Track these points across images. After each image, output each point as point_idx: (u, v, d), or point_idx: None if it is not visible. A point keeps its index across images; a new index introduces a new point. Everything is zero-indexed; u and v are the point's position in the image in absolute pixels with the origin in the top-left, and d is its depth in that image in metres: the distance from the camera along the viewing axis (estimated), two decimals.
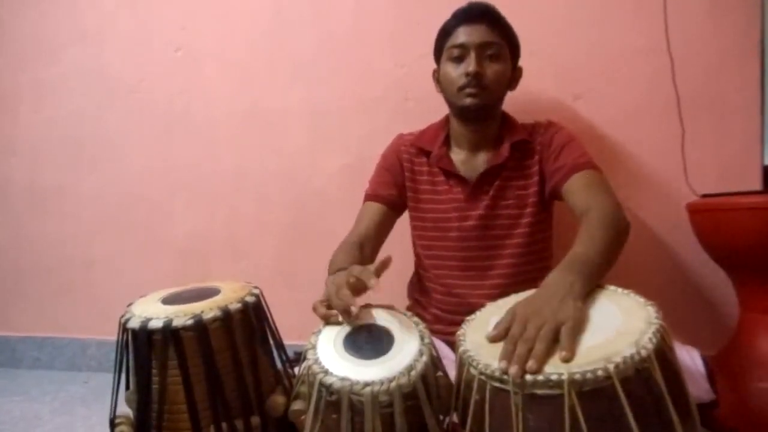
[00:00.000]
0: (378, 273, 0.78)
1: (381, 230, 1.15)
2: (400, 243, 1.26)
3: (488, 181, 1.10)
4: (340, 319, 0.79)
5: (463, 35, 1.06)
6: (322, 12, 1.56)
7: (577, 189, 1.00)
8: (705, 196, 1.22)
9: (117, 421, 0.82)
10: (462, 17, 1.07)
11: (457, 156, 1.14)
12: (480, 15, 1.06)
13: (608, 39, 1.35)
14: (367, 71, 1.53)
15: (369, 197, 1.18)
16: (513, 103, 1.18)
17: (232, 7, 1.64)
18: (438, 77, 1.14)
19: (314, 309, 0.82)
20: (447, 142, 1.16)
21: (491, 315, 0.77)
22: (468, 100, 1.05)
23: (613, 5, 1.34)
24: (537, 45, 1.36)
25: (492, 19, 1.06)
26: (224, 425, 0.78)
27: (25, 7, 1.81)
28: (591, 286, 0.75)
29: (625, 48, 1.34)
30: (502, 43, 1.07)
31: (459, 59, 1.06)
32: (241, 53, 1.63)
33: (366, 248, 1.07)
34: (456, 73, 1.06)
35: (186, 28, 1.68)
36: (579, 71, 1.37)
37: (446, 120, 1.18)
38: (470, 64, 1.04)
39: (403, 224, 1.22)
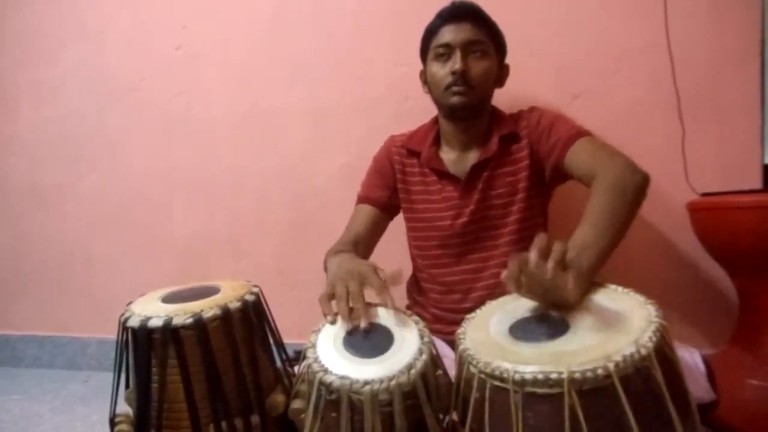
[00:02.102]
0: (389, 283, 0.81)
1: (373, 232, 1.15)
2: (398, 244, 1.25)
3: (477, 176, 1.10)
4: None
5: (448, 34, 1.06)
6: (323, 11, 1.56)
7: (579, 158, 1.00)
8: (705, 194, 1.22)
9: (117, 419, 0.82)
10: (446, 16, 1.08)
11: (447, 155, 1.14)
12: (464, 14, 1.06)
13: (608, 38, 1.35)
14: (368, 71, 1.53)
15: (361, 199, 1.19)
16: (513, 101, 1.18)
17: (232, 6, 1.64)
18: (425, 78, 1.14)
19: (320, 301, 0.82)
20: (437, 142, 1.16)
21: (492, 313, 0.77)
22: (455, 99, 1.06)
23: (613, 4, 1.34)
24: (536, 44, 1.36)
25: (476, 17, 1.07)
26: (224, 424, 0.78)
27: (25, 5, 1.81)
28: (596, 271, 0.76)
29: (625, 47, 1.34)
30: (486, 40, 1.07)
31: (445, 58, 1.07)
32: (242, 52, 1.63)
33: (359, 250, 1.08)
34: (442, 72, 1.07)
35: (187, 26, 1.68)
36: (579, 70, 1.37)
37: (435, 120, 1.18)
38: (456, 63, 1.04)
39: (401, 226, 1.22)
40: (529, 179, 1.08)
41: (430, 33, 1.10)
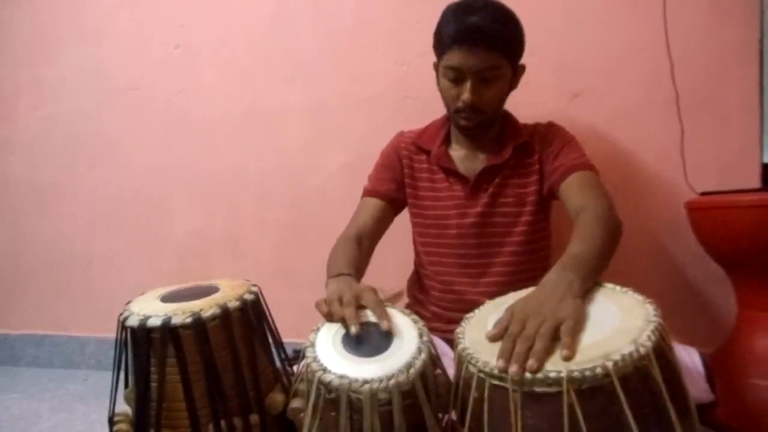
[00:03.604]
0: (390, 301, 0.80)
1: (379, 225, 1.15)
2: (400, 241, 1.25)
3: (487, 180, 1.10)
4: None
5: (458, 58, 0.98)
6: (322, 10, 1.56)
7: (573, 188, 1.00)
8: (704, 194, 1.22)
9: (116, 419, 0.82)
10: (458, 37, 0.97)
11: (457, 153, 1.14)
12: (478, 39, 0.97)
13: (607, 37, 1.35)
14: (367, 69, 1.52)
15: (367, 192, 1.18)
16: (511, 100, 1.17)
17: (231, 4, 1.63)
18: (437, 77, 1.11)
19: (317, 306, 0.82)
20: (447, 140, 1.16)
21: (490, 313, 0.77)
22: (464, 122, 1.05)
23: (613, 4, 1.34)
24: (536, 43, 1.35)
25: (490, 42, 0.97)
26: (223, 423, 0.78)
27: (24, 4, 1.81)
28: (589, 284, 0.75)
29: (625, 46, 1.34)
30: (500, 62, 1.00)
31: (455, 80, 1.02)
32: (241, 51, 1.63)
33: (364, 243, 1.08)
34: (452, 92, 1.03)
35: (185, 25, 1.68)
36: (578, 69, 1.37)
37: (447, 118, 1.18)
38: (465, 92, 1.00)
39: (403, 222, 1.22)
40: (538, 193, 1.09)
41: (442, 41, 1.02)
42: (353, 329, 0.75)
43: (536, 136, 1.11)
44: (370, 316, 0.79)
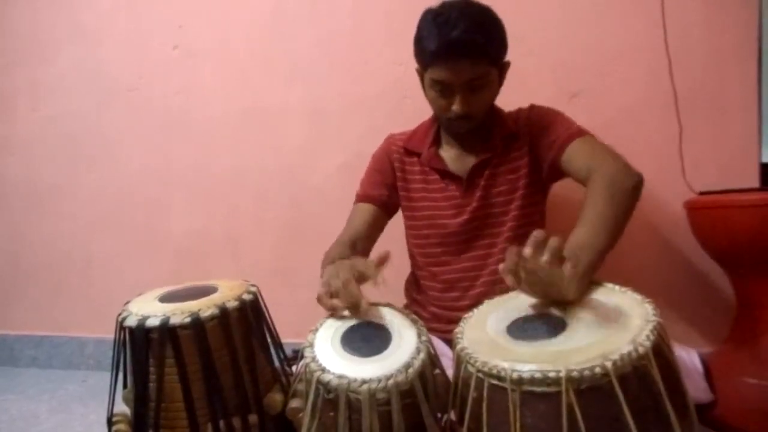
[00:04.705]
0: (378, 267, 0.81)
1: (372, 231, 1.15)
2: (397, 243, 1.25)
3: (479, 174, 1.10)
4: (345, 312, 0.80)
5: (443, 73, 0.97)
6: (321, 10, 1.56)
7: (575, 157, 0.99)
8: (703, 193, 1.22)
9: (114, 419, 0.82)
10: (441, 53, 0.95)
11: (448, 153, 1.14)
12: (462, 55, 0.95)
13: (606, 37, 1.35)
14: (366, 69, 1.52)
15: (360, 198, 1.18)
16: (510, 101, 1.17)
17: (230, 4, 1.63)
18: (422, 84, 1.08)
19: (319, 300, 0.82)
20: (437, 141, 1.15)
21: (489, 312, 0.77)
22: (455, 128, 1.07)
23: (611, 3, 1.34)
24: (534, 43, 1.36)
25: (475, 54, 0.95)
26: (222, 423, 0.78)
27: (23, 5, 1.81)
28: (594, 270, 0.76)
29: (623, 46, 1.34)
30: (487, 69, 0.99)
31: (443, 91, 1.01)
32: (240, 51, 1.63)
33: (358, 248, 1.08)
34: (442, 102, 1.02)
35: (183, 26, 1.68)
36: (576, 69, 1.37)
37: (435, 118, 1.17)
38: (456, 103, 0.99)
39: (400, 225, 1.22)
40: (529, 176, 1.08)
41: (423, 58, 1.01)
42: (363, 305, 0.77)
43: (521, 120, 1.11)
44: (371, 315, 0.79)
